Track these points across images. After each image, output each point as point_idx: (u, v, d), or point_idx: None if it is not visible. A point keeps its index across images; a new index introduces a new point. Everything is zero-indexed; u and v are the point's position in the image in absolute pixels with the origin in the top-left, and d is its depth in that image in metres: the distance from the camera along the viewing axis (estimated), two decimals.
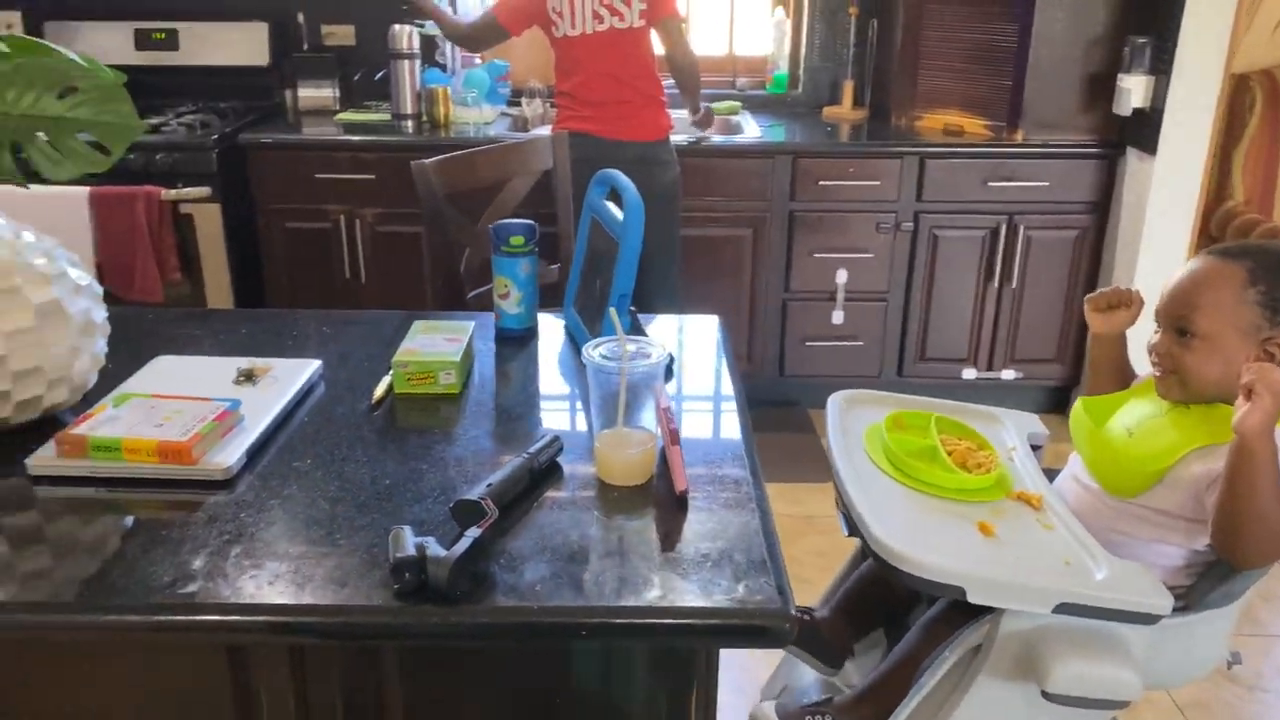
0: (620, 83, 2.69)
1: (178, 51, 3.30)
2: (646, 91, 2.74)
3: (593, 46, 2.68)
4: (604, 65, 2.68)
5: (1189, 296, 1.31)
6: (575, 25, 2.65)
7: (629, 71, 2.70)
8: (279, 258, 3.13)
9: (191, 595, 0.96)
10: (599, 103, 2.69)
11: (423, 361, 1.38)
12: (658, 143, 2.76)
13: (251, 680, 1.07)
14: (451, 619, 0.95)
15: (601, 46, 2.67)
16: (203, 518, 1.09)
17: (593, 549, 1.06)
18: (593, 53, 2.69)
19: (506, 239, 1.54)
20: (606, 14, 2.64)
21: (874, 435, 1.43)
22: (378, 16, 3.33)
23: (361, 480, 1.17)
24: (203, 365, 1.41)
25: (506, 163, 2.19)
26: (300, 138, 3.08)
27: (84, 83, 1.20)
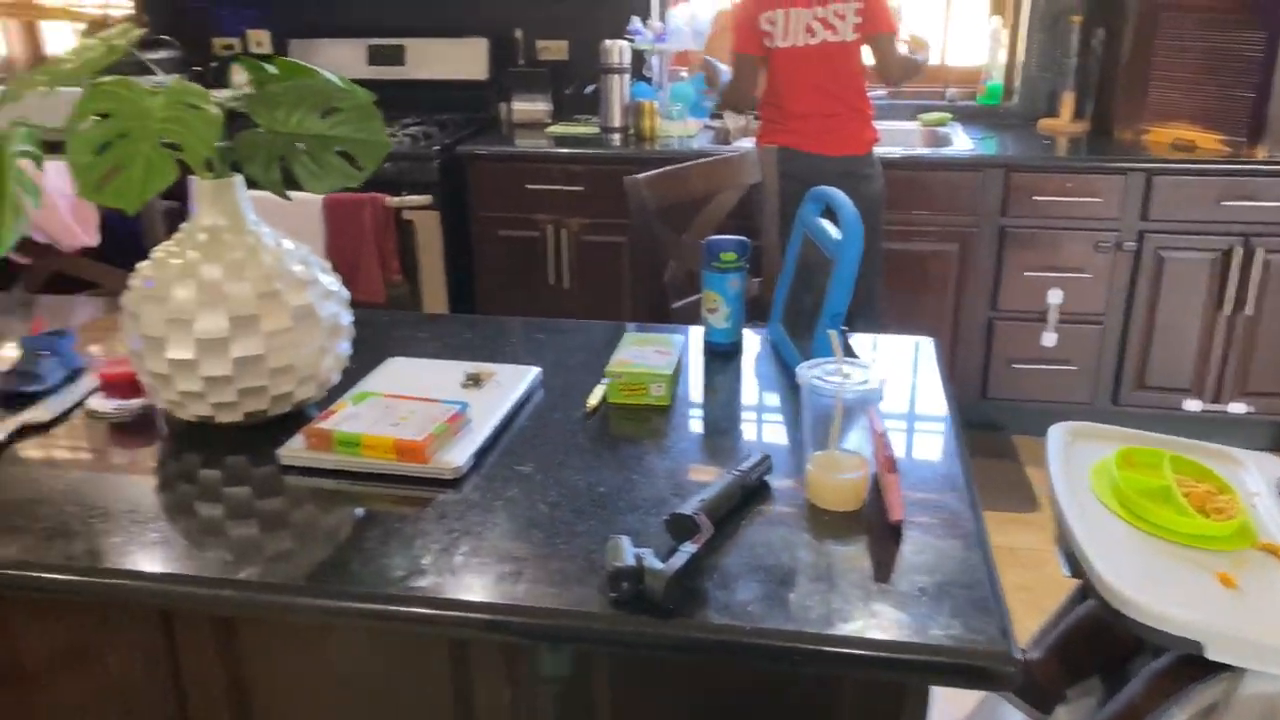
0: (828, 96, 2.67)
1: (404, 66, 3.51)
2: (853, 105, 2.71)
3: (802, 60, 2.67)
4: (813, 79, 2.67)
5: None
6: (788, 37, 2.65)
7: (837, 85, 2.68)
8: (490, 263, 3.28)
9: (424, 589, 1.02)
10: (804, 115, 2.67)
11: (635, 373, 1.41)
12: (862, 157, 2.72)
13: (471, 675, 1.13)
14: (665, 631, 0.97)
15: (812, 60, 2.66)
16: (433, 514, 1.15)
17: (803, 572, 1.05)
18: (802, 66, 2.68)
19: (718, 254, 1.55)
20: (820, 28, 2.63)
21: (1102, 472, 1.36)
22: (590, 32, 3.44)
23: (579, 487, 1.20)
24: (432, 368, 1.49)
25: (715, 177, 2.21)
26: (513, 149, 3.21)
27: (342, 103, 1.29)
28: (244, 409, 1.29)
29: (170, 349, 1.23)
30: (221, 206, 1.28)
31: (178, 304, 1.23)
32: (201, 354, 1.23)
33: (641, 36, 3.26)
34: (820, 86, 2.68)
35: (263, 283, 1.26)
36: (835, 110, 2.70)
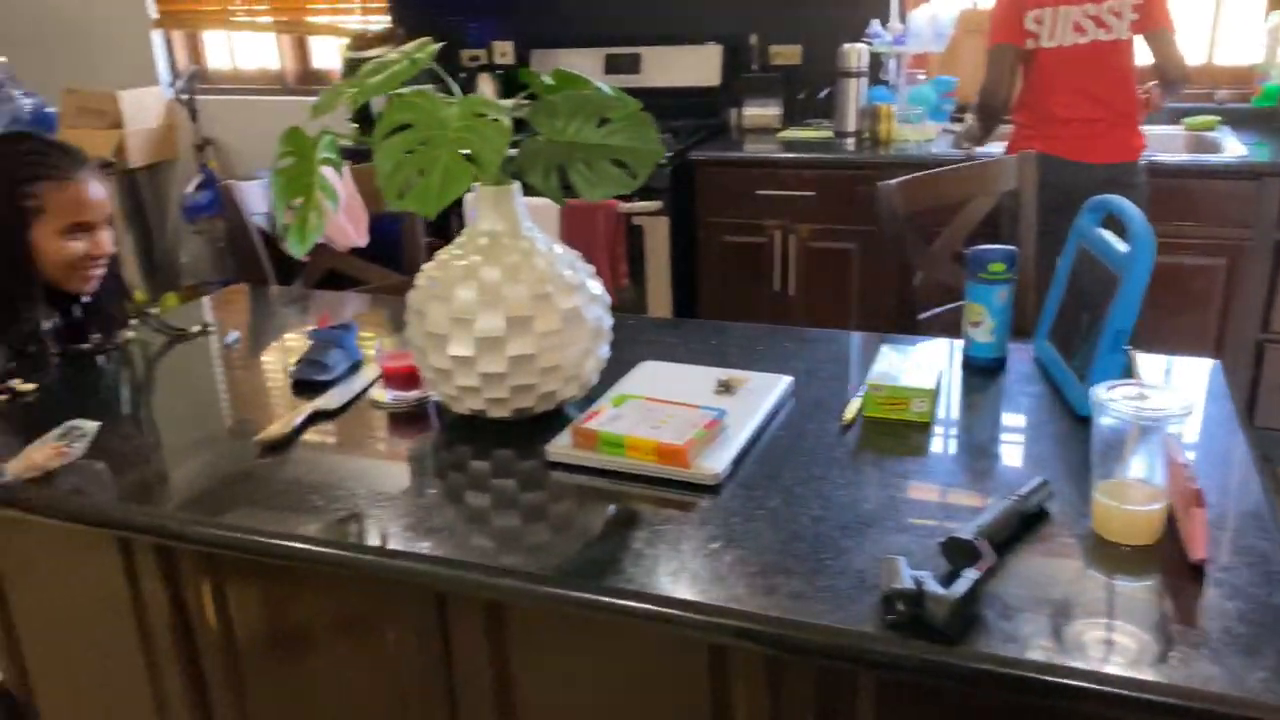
0: (1094, 100, 2.51)
1: (640, 74, 3.58)
2: (1121, 109, 2.53)
3: (1068, 61, 2.52)
4: (1078, 81, 2.52)
5: None
6: (1054, 36, 2.51)
7: (1105, 88, 2.51)
8: (713, 269, 3.29)
9: (694, 592, 1.02)
10: (1067, 121, 2.53)
11: (897, 387, 1.37)
12: (1129, 164, 2.54)
13: (731, 684, 1.13)
14: (946, 659, 0.93)
15: (1079, 61, 2.51)
16: (695, 519, 1.16)
17: (1093, 609, 0.98)
18: (1067, 67, 2.53)
19: (986, 265, 1.48)
20: (1091, 26, 2.48)
21: None
22: (825, 36, 3.39)
23: (841, 502, 1.18)
24: (684, 373, 1.50)
25: (968, 184, 2.13)
26: (743, 154, 3.21)
27: (615, 113, 1.32)
28: (513, 405, 1.34)
29: (452, 346, 1.30)
30: (500, 212, 1.34)
31: (460, 304, 1.29)
32: (480, 351, 1.29)
33: (880, 39, 3.19)
34: (1085, 89, 2.53)
35: (536, 285, 1.30)
36: (1100, 115, 2.54)
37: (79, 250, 1.65)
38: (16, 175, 1.60)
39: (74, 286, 1.68)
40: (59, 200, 1.62)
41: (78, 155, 1.67)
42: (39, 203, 1.61)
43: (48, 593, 1.51)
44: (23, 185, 1.60)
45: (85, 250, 1.66)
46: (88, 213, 1.65)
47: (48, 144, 1.66)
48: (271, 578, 1.34)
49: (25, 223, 1.60)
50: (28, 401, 1.56)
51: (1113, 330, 1.30)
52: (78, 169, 1.65)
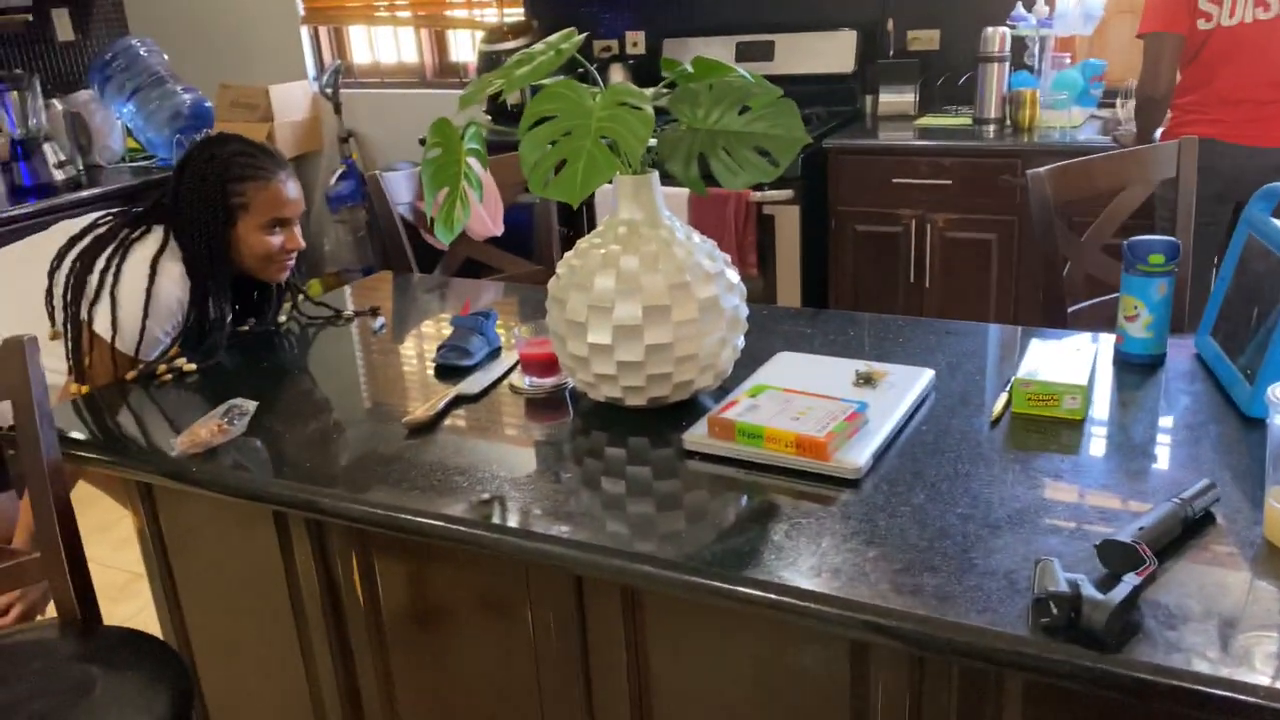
0: (1270, 80, 2.37)
1: (772, 61, 3.54)
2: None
3: (1251, 37, 2.38)
4: (1260, 60, 2.37)
5: None
6: (1235, 13, 2.37)
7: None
8: (845, 259, 3.24)
9: (834, 587, 1.01)
10: (1239, 103, 2.38)
11: (1047, 383, 1.32)
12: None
13: (869, 678, 1.11)
14: (1103, 666, 0.89)
15: (1261, 37, 2.36)
16: (836, 513, 1.14)
17: (1262, 620, 0.93)
18: (1249, 45, 2.39)
19: (1144, 256, 1.41)
20: (1275, 1, 2.34)
21: None
22: (965, 20, 3.29)
23: (990, 500, 1.14)
24: (822, 364, 1.48)
25: (1122, 171, 2.02)
26: (878, 142, 3.14)
27: (756, 100, 1.31)
28: (649, 393, 1.35)
29: (590, 333, 1.31)
30: (640, 201, 1.35)
31: (599, 292, 1.31)
32: (618, 339, 1.30)
33: (1025, 22, 3.07)
34: (1261, 69, 2.38)
35: (674, 274, 1.31)
36: (1276, 96, 2.39)
37: (277, 244, 1.79)
38: (226, 175, 1.73)
39: (270, 276, 1.83)
40: (263, 198, 1.76)
41: (278, 156, 1.82)
42: (245, 200, 1.75)
43: (209, 562, 1.60)
44: (232, 184, 1.74)
45: (282, 244, 1.80)
46: (287, 209, 1.79)
47: (252, 146, 1.79)
48: (415, 554, 1.38)
49: (232, 219, 1.74)
50: (191, 381, 1.65)
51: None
52: (279, 169, 1.79)
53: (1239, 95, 2.38)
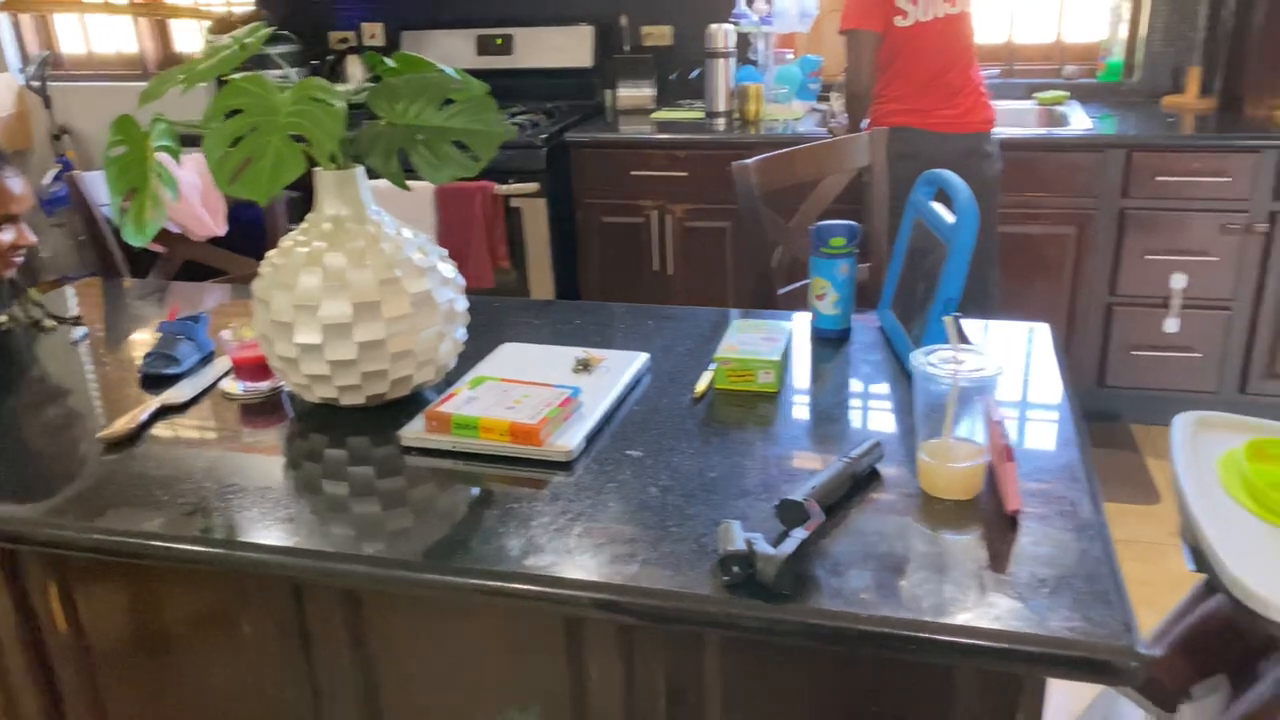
0: (954, 71, 2.63)
1: (512, 55, 3.57)
2: (977, 80, 2.66)
3: (936, 33, 2.62)
4: (948, 52, 2.62)
5: None
6: (927, 10, 2.60)
7: (965, 59, 2.64)
8: (593, 250, 3.31)
9: (541, 568, 1.05)
10: (933, 93, 2.62)
11: (743, 359, 1.41)
12: (986, 134, 2.66)
13: (584, 652, 1.15)
14: (776, 615, 0.97)
15: (945, 33, 2.61)
16: (548, 496, 1.18)
17: (916, 561, 1.04)
18: (935, 40, 2.62)
19: (827, 240, 1.54)
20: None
21: (1230, 464, 1.30)
22: (695, 16, 3.43)
23: (689, 471, 1.22)
24: (543, 353, 1.52)
25: (822, 161, 2.19)
26: (617, 136, 3.23)
27: (458, 95, 1.33)
28: (366, 392, 1.34)
29: (298, 334, 1.29)
30: (344, 197, 1.33)
31: (304, 290, 1.28)
32: (327, 338, 1.28)
33: (747, 19, 3.24)
34: (951, 61, 2.63)
35: (383, 270, 1.30)
36: (960, 86, 2.64)
37: (5, 241, 1.74)
38: None
39: None
40: None
41: (1, 153, 1.76)
42: None
43: None
44: None
45: (11, 241, 1.75)
46: (12, 205, 1.74)
47: None
48: (119, 576, 1.31)
49: None
50: None
51: (942, 299, 1.37)
52: (1, 166, 1.73)
53: (933, 86, 2.62)
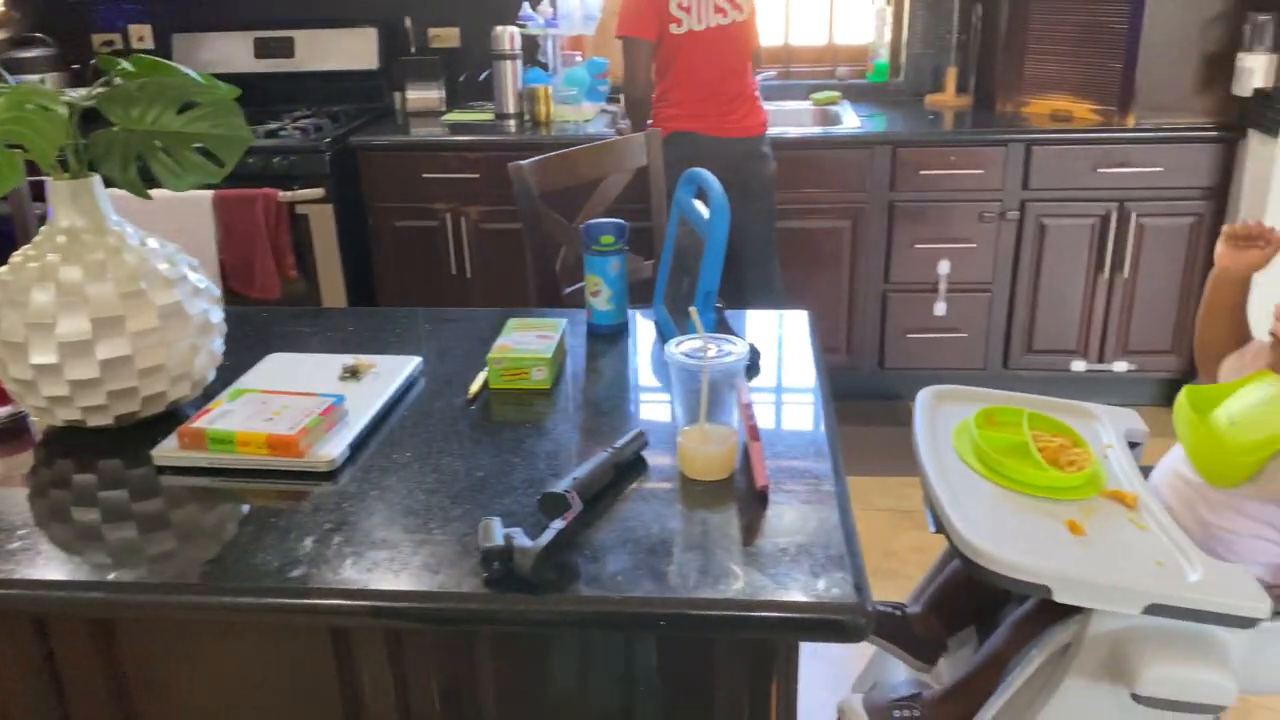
0: (734, 78, 2.73)
1: (293, 58, 3.46)
2: (752, 86, 2.79)
3: (711, 42, 2.70)
4: (721, 61, 2.71)
5: None
6: (701, 20, 2.68)
7: (741, 66, 2.75)
8: (389, 256, 3.25)
9: (298, 580, 1.03)
10: (708, 99, 2.71)
11: (516, 358, 1.43)
12: (761, 137, 2.78)
13: (354, 660, 1.14)
14: (535, 607, 1.00)
15: (720, 42, 2.70)
16: (308, 507, 1.16)
17: (674, 542, 1.09)
18: (710, 48, 2.71)
19: (597, 238, 1.58)
20: (730, 8, 2.69)
21: (963, 432, 1.42)
22: (481, 18, 3.42)
23: (457, 472, 1.22)
24: (311, 362, 1.49)
25: (602, 161, 2.24)
26: (407, 139, 3.18)
27: (202, 98, 1.28)
28: (115, 411, 1.28)
29: (33, 354, 1.21)
30: (80, 207, 1.26)
31: (37, 308, 1.21)
32: (65, 357, 1.21)
33: (533, 22, 3.26)
34: (727, 69, 2.72)
35: (126, 283, 1.24)
36: (736, 92, 2.74)
37: None
38: None
39: None
40: None
41: None
42: None
43: None
44: None
45: None
46: None
47: None
48: None
49: None
50: None
51: (702, 292, 1.43)
52: None
53: (709, 93, 2.71)
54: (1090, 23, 3.06)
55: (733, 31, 2.72)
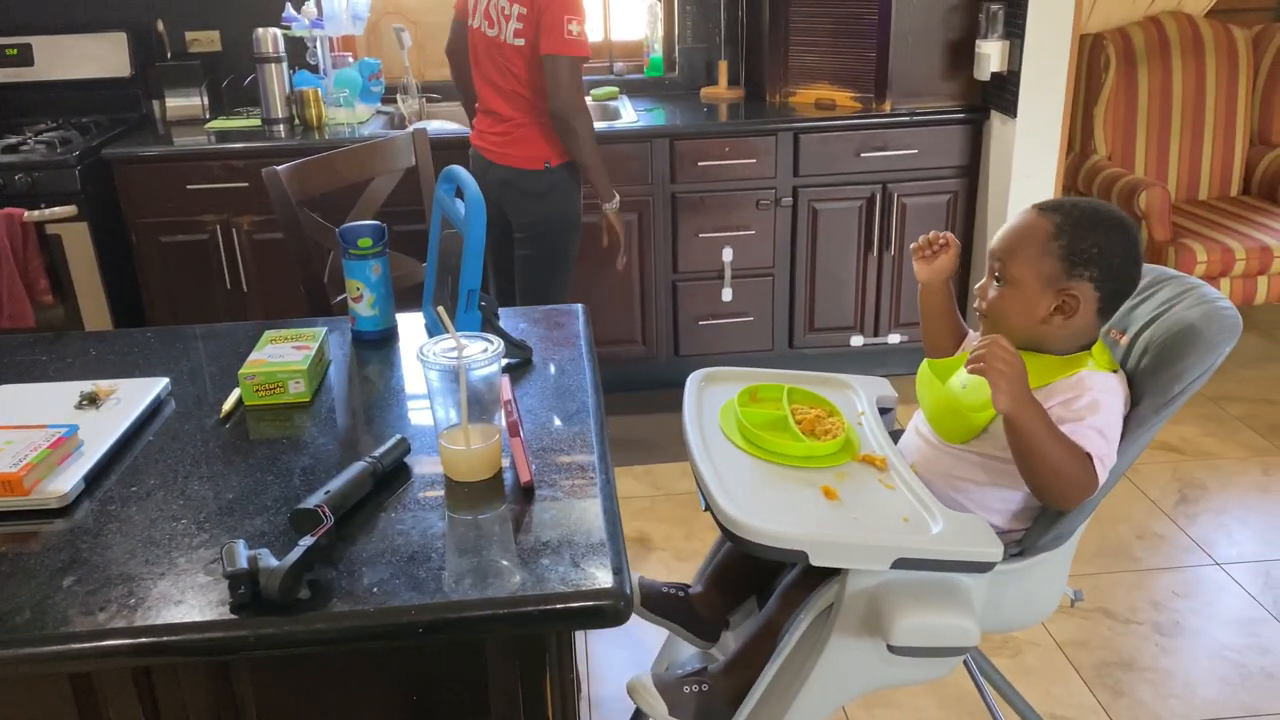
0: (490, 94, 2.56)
1: (33, 67, 3.19)
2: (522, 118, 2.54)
3: (479, 47, 2.55)
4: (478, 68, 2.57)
5: (1005, 245, 1.39)
6: (474, 16, 2.53)
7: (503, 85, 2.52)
8: (156, 273, 3.06)
9: (22, 627, 0.95)
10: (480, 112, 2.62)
11: (270, 372, 1.37)
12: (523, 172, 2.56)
13: (99, 706, 1.07)
14: (286, 628, 0.96)
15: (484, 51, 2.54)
16: (36, 548, 1.08)
17: (437, 547, 1.07)
18: (479, 54, 2.55)
19: (354, 241, 1.53)
20: (498, 18, 2.45)
21: (728, 410, 1.47)
22: (242, 20, 3.27)
23: (204, 496, 1.16)
24: (44, 391, 1.38)
25: (366, 163, 2.18)
26: (165, 149, 2.99)
27: None
28: None
29: None
30: None
31: None
32: None
33: (297, 23, 3.14)
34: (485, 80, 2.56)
35: None
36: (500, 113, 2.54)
37: None
38: None
39: None
40: None
41: None
42: None
43: None
44: None
45: None
46: None
47: None
48: None
49: None
50: None
51: (464, 291, 1.41)
52: None
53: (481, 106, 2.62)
54: (845, 14, 3.21)
55: (494, 46, 2.49)
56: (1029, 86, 2.97)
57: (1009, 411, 1.26)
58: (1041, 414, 1.27)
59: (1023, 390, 1.26)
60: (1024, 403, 1.26)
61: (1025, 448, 1.27)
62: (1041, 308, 1.36)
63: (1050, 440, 1.26)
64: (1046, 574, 1.38)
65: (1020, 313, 1.37)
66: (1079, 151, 3.59)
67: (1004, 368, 1.25)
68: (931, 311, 1.60)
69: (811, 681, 1.30)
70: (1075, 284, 1.34)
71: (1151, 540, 2.53)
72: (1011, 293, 1.38)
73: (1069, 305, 1.35)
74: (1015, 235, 1.39)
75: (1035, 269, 1.36)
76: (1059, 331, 1.37)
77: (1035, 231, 1.36)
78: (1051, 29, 2.93)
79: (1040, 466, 1.27)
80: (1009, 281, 1.38)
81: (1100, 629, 2.22)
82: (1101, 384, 1.34)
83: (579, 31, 2.39)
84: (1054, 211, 1.38)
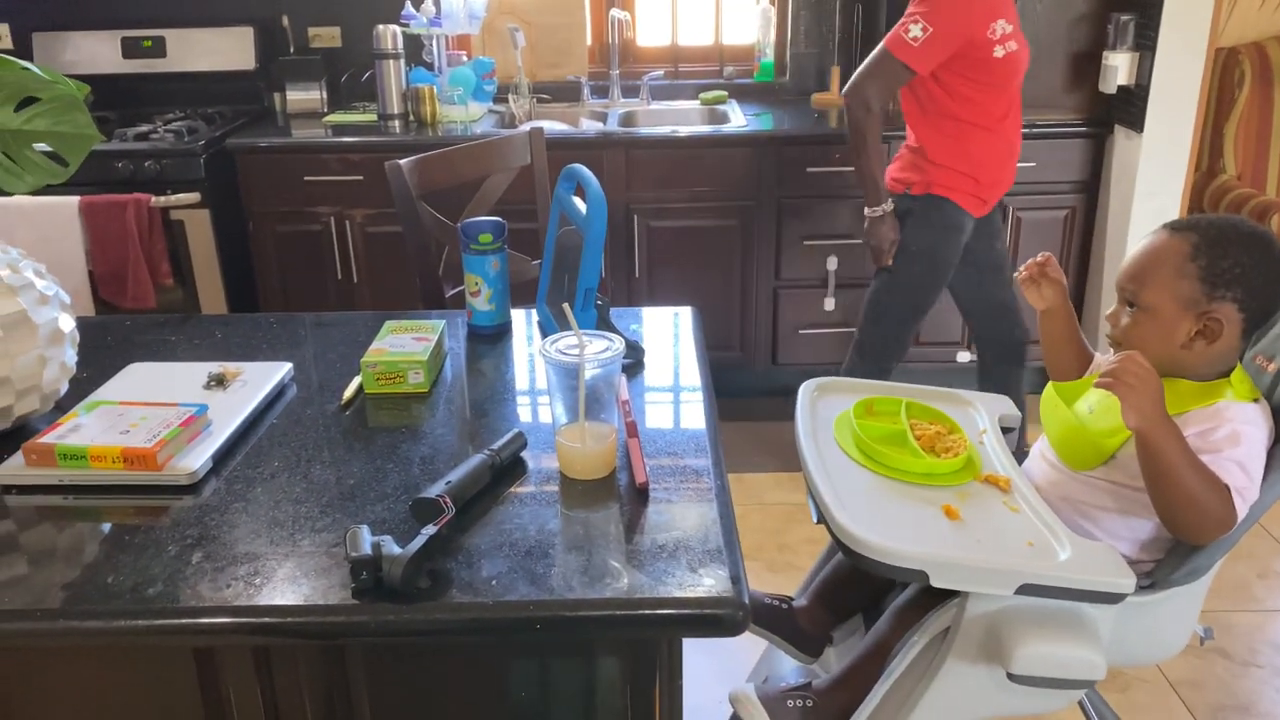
0: None
1: (165, 59, 3.32)
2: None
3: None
4: None
5: (1137, 269, 1.33)
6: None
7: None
8: (271, 261, 3.15)
9: (154, 599, 0.98)
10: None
11: (391, 361, 1.39)
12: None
13: (219, 681, 1.09)
14: (406, 616, 0.96)
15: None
16: (167, 522, 1.10)
17: (552, 543, 1.07)
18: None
19: (475, 237, 1.54)
20: None
21: (843, 422, 1.44)
22: (363, 17, 3.35)
23: (327, 481, 1.18)
24: (175, 371, 1.42)
25: (483, 160, 2.20)
26: (286, 140, 3.08)
27: (44, 94, 1.21)
28: None
29: None
30: None
31: None
32: None
33: (416, 21, 3.20)
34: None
35: None
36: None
37: None
38: None
39: None
40: None
41: None
42: None
43: None
44: None
45: None
46: None
47: None
48: None
49: None
50: None
51: (582, 289, 1.41)
52: None
53: None
54: None
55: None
56: (1158, 100, 2.85)
57: (1140, 428, 1.19)
58: (1177, 435, 1.21)
59: (1156, 407, 1.20)
60: (1157, 420, 1.19)
61: (1158, 470, 1.21)
62: (1181, 333, 1.29)
63: (1186, 465, 1.20)
64: (1177, 610, 1.31)
65: (1158, 340, 1.31)
66: (1206, 170, 3.44)
67: (1135, 383, 1.19)
68: (1053, 338, 1.54)
69: (923, 705, 1.26)
70: (1217, 306, 1.28)
71: (1274, 580, 2.40)
72: (1146, 319, 1.31)
73: (1212, 329, 1.28)
74: (1147, 258, 1.32)
75: (1172, 293, 1.29)
76: (1199, 358, 1.31)
77: (1170, 253, 1.30)
78: (1185, 41, 2.81)
79: (1174, 493, 1.21)
80: (1143, 308, 1.31)
81: (1216, 670, 2.11)
82: (1242, 415, 1.27)
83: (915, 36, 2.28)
84: (1189, 230, 1.31)
